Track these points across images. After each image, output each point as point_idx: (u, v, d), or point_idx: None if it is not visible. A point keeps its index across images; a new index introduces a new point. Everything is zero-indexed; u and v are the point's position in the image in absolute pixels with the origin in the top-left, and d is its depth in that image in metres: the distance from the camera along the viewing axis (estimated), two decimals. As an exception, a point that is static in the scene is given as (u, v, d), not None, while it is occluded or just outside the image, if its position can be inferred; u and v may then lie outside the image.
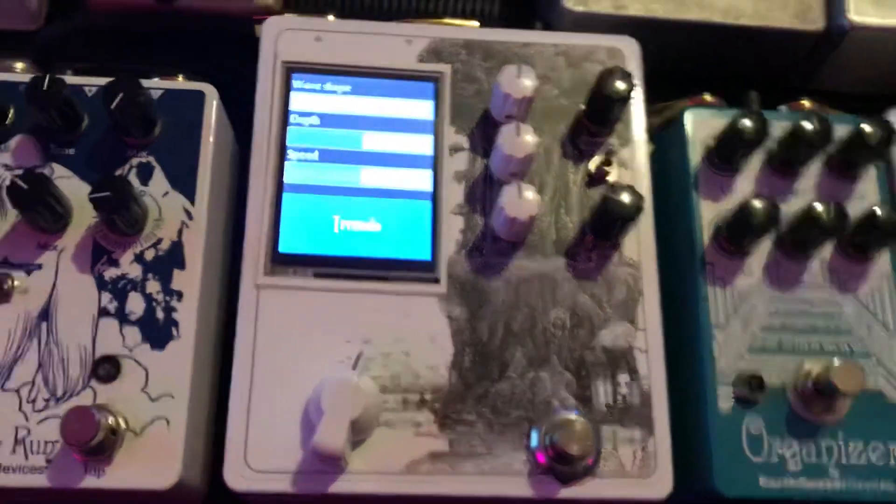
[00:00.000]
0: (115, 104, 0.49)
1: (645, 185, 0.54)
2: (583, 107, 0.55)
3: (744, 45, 0.62)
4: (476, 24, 0.63)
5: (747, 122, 0.53)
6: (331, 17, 0.62)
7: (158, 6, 0.60)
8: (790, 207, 0.54)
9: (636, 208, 0.50)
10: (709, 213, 0.55)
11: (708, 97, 0.62)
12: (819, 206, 0.52)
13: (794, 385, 0.52)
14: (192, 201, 0.51)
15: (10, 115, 0.51)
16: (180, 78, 0.58)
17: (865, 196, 0.56)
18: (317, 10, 0.64)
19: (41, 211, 0.48)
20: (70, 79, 0.52)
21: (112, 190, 0.47)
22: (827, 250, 0.55)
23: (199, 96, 0.53)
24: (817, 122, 0.53)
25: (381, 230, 0.52)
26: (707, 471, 0.50)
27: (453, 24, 0.62)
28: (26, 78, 0.51)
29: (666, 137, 0.59)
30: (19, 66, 0.57)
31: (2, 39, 0.63)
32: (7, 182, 0.49)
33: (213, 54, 0.63)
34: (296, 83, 0.55)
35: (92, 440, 0.44)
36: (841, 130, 0.55)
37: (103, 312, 0.49)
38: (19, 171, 0.50)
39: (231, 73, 0.60)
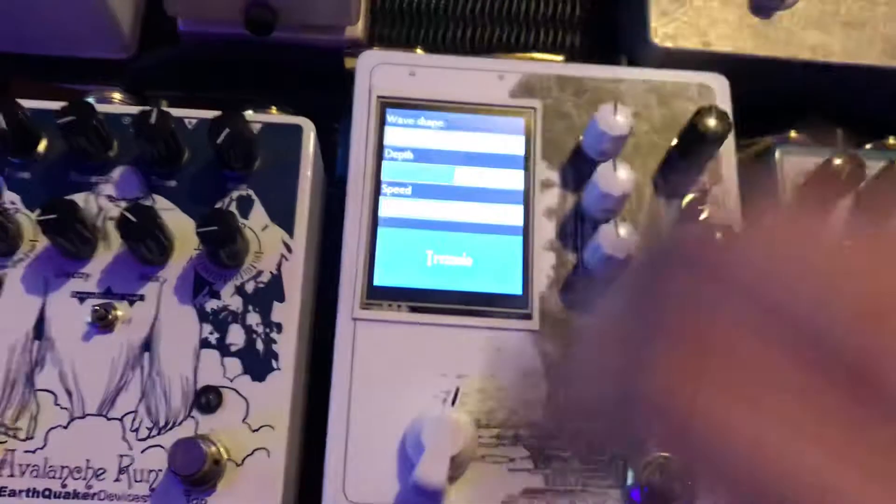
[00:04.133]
0: (221, 138, 0.49)
1: (738, 224, 0.54)
2: (674, 143, 0.56)
3: (831, 82, 0.62)
4: (561, 58, 0.64)
5: (842, 163, 0.53)
6: (419, 51, 0.62)
7: (250, 37, 0.61)
8: (881, 247, 0.54)
9: (734, 249, 0.50)
10: (799, 251, 0.55)
11: (794, 134, 0.62)
12: (914, 248, 0.51)
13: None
14: (291, 234, 0.52)
15: (114, 147, 0.52)
16: (273, 110, 0.59)
17: (958, 237, 0.56)
18: (402, 43, 0.65)
19: (147, 243, 0.49)
20: (171, 111, 0.53)
21: (219, 224, 0.48)
22: (919, 291, 0.55)
23: (297, 130, 0.54)
24: (913, 163, 0.53)
25: (473, 264, 0.53)
26: None
27: (539, 59, 0.63)
28: (127, 109, 0.52)
29: (753, 174, 0.59)
30: (116, 96, 0.58)
31: (94, 68, 0.65)
32: (111, 212, 0.51)
33: (301, 86, 0.64)
34: (390, 118, 0.56)
35: (199, 471, 0.45)
36: (932, 170, 0.55)
37: (204, 343, 0.49)
38: (122, 202, 0.51)
39: (317, 104, 0.61)
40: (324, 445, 0.49)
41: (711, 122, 0.53)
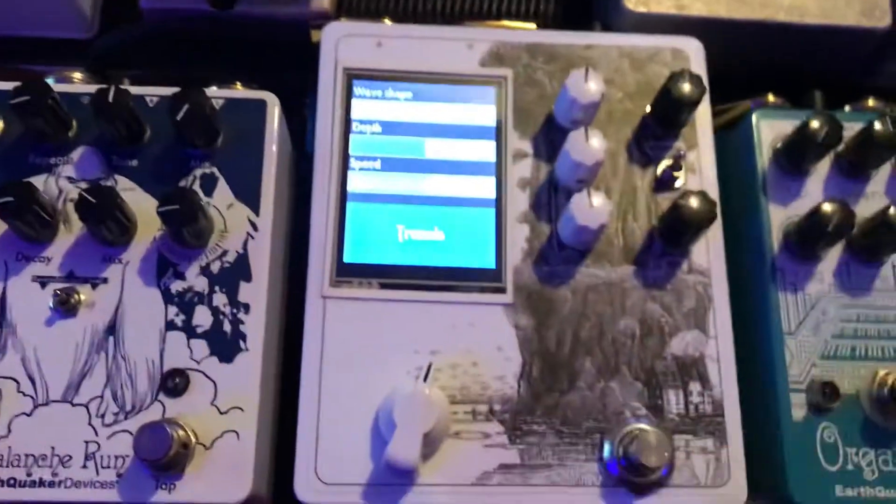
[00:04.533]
0: (181, 115, 0.48)
1: (714, 190, 0.53)
2: (648, 110, 0.54)
3: (807, 43, 0.61)
4: (533, 25, 0.62)
5: (819, 125, 0.52)
6: (387, 21, 0.61)
7: (213, 13, 0.60)
8: (861, 211, 0.53)
9: (709, 215, 0.49)
10: (778, 217, 0.54)
11: (771, 98, 0.61)
12: (893, 210, 0.50)
13: (869, 392, 0.51)
14: (257, 212, 0.51)
15: (73, 128, 0.51)
16: (238, 86, 0.57)
17: (940, 198, 0.55)
18: (370, 14, 0.64)
19: (108, 224, 0.47)
20: (132, 89, 0.51)
21: (180, 203, 0.46)
22: (900, 254, 0.54)
23: (261, 105, 0.53)
24: (891, 124, 0.52)
25: (445, 239, 0.52)
26: (781, 480, 0.49)
27: (511, 27, 0.61)
28: (87, 89, 0.51)
29: (731, 139, 0.58)
30: (77, 76, 0.57)
31: (56, 48, 0.64)
32: (72, 194, 0.49)
33: (268, 60, 0.63)
34: (357, 90, 0.54)
35: (165, 456, 0.44)
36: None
37: (170, 326, 0.48)
38: (83, 184, 0.50)
39: (283, 77, 0.60)
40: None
41: (685, 86, 0.52)
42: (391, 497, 0.47)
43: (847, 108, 0.61)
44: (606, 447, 0.48)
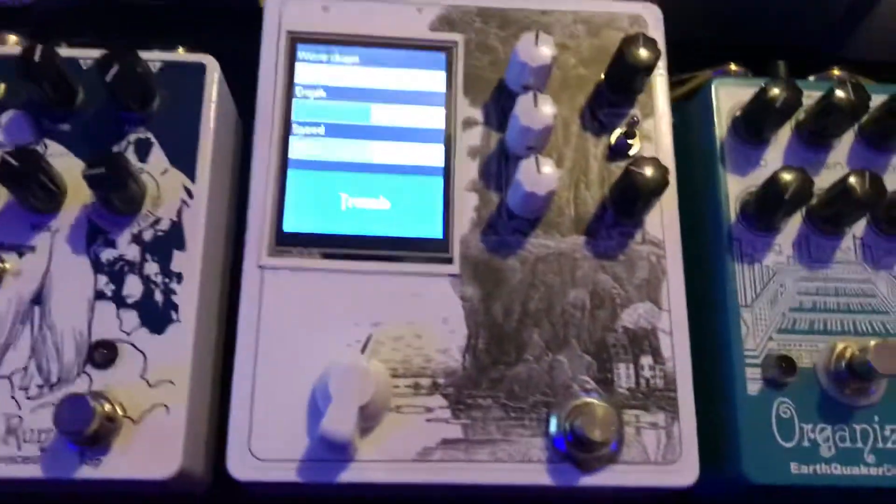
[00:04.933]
0: (110, 76, 0.46)
1: (669, 159, 0.52)
2: (603, 76, 0.53)
3: (772, 12, 0.59)
4: (489, -9, 0.60)
5: (778, 91, 0.50)
6: (337, -14, 0.59)
7: (158, -23, 0.58)
8: (822, 181, 0.52)
9: (661, 182, 0.47)
10: (735, 187, 0.52)
11: (734, 67, 0.59)
12: (854, 178, 0.49)
13: (827, 366, 0.49)
14: (193, 179, 0.49)
15: (1, 90, 0.49)
16: (180, 50, 0.55)
17: (901, 168, 0.53)
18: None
19: (33, 189, 0.45)
20: (64, 51, 0.50)
21: (107, 166, 0.45)
22: (860, 226, 0.52)
23: (200, 69, 0.51)
24: (852, 91, 0.50)
25: (391, 208, 0.50)
26: (735, 457, 0.48)
27: (465, -8, 0.59)
28: (15, 51, 0.49)
29: (690, 109, 0.56)
30: (11, 39, 0.55)
31: (-3, 14, 0.61)
32: (0, 160, 0.47)
33: (215, 26, 0.61)
34: (301, 54, 0.52)
35: (87, 429, 0.42)
36: (875, 100, 0.52)
37: (99, 295, 0.46)
38: (9, 148, 0.48)
39: (233, 45, 0.57)
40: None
41: (639, 50, 0.50)
42: (328, 473, 0.45)
43: (812, 77, 0.60)
44: (553, 422, 0.46)
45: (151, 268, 0.47)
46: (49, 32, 0.60)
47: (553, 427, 0.46)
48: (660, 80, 0.54)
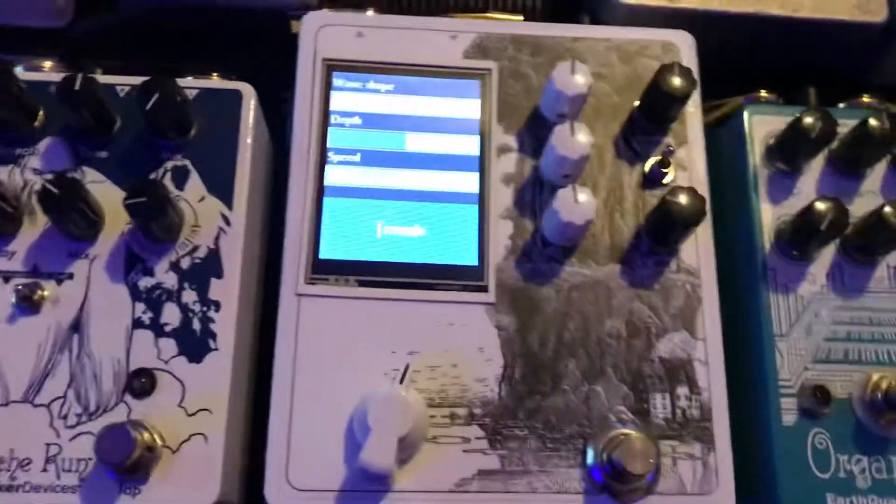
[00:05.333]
0: (150, 104, 0.46)
1: (704, 188, 0.52)
2: (637, 104, 0.53)
3: (801, 38, 0.59)
4: (520, 17, 0.61)
5: (813, 120, 0.50)
6: (370, 13, 0.59)
7: (191, 1, 0.58)
8: (855, 210, 0.52)
9: (698, 212, 0.47)
10: (769, 215, 0.52)
11: (764, 94, 0.59)
12: (889, 209, 0.49)
13: (862, 397, 0.49)
14: (230, 206, 0.49)
15: (39, 117, 0.49)
16: (214, 76, 0.55)
17: (936, 197, 0.53)
18: (355, 5, 0.62)
19: (73, 217, 0.46)
20: (102, 78, 0.50)
21: (148, 195, 0.45)
22: (895, 255, 0.52)
23: (237, 96, 0.51)
24: (887, 120, 0.50)
25: (426, 235, 0.50)
26: (771, 487, 0.48)
27: (498, 19, 0.59)
28: (56, 77, 0.49)
29: (722, 136, 0.56)
30: (47, 64, 0.55)
31: (29, 37, 0.62)
32: (37, 186, 0.47)
33: (247, 52, 0.61)
34: (337, 82, 0.53)
35: (128, 459, 0.42)
36: (909, 128, 0.52)
37: (137, 324, 0.46)
38: (49, 176, 0.48)
39: (266, 71, 0.58)
40: (272, 430, 0.46)
41: (674, 79, 0.50)
42: None
43: (842, 105, 0.60)
44: (590, 453, 0.46)
45: (189, 296, 0.47)
46: (81, 55, 0.61)
47: (590, 458, 0.46)
48: (693, 107, 0.54)
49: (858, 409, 0.49)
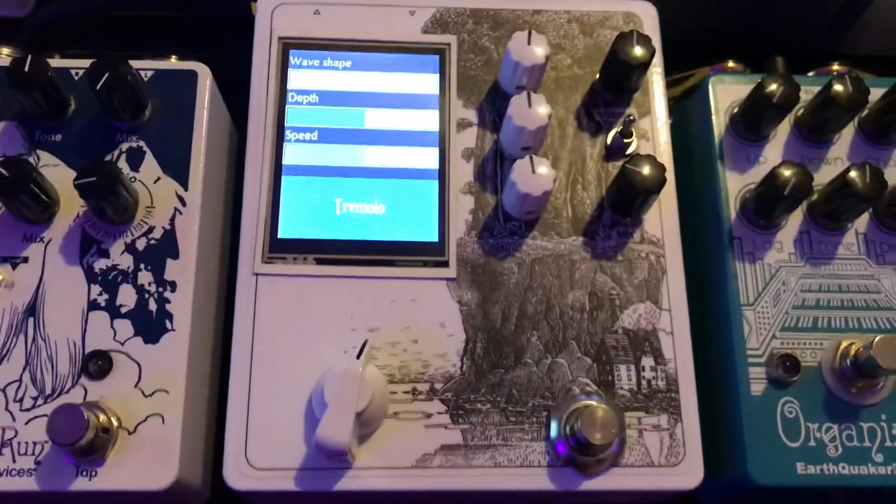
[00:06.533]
0: (101, 84, 0.46)
1: (667, 157, 0.51)
2: (598, 76, 0.52)
3: (767, 8, 0.59)
4: (483, -6, 0.60)
5: (776, 86, 0.49)
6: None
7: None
8: (822, 177, 0.51)
9: (659, 180, 0.47)
10: (735, 184, 0.51)
11: (732, 64, 0.59)
12: (854, 172, 0.48)
13: (832, 364, 0.48)
14: (186, 187, 0.48)
15: (-8, 102, 0.49)
16: (173, 59, 0.55)
17: (903, 162, 0.53)
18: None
19: (26, 200, 0.45)
20: (55, 62, 0.49)
21: (99, 175, 0.44)
22: (862, 221, 0.51)
23: (192, 76, 0.50)
24: (851, 84, 0.50)
25: (386, 212, 0.49)
26: (740, 458, 0.47)
27: (459, -5, 0.59)
28: (6, 62, 0.49)
29: (688, 107, 0.55)
30: (5, 51, 0.55)
31: (-10, 27, 0.61)
32: (-8, 172, 0.47)
33: (208, 35, 0.61)
34: (293, 60, 0.52)
35: (81, 439, 0.41)
36: (875, 94, 0.52)
37: (93, 305, 0.46)
38: (1, 159, 0.47)
39: (227, 53, 0.57)
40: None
41: (633, 48, 0.50)
42: (325, 482, 0.44)
43: (811, 73, 0.59)
44: (553, 425, 0.46)
45: (145, 277, 0.46)
46: (43, 44, 0.60)
47: (553, 431, 0.46)
48: (656, 77, 0.53)
49: (828, 377, 0.48)
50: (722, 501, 0.52)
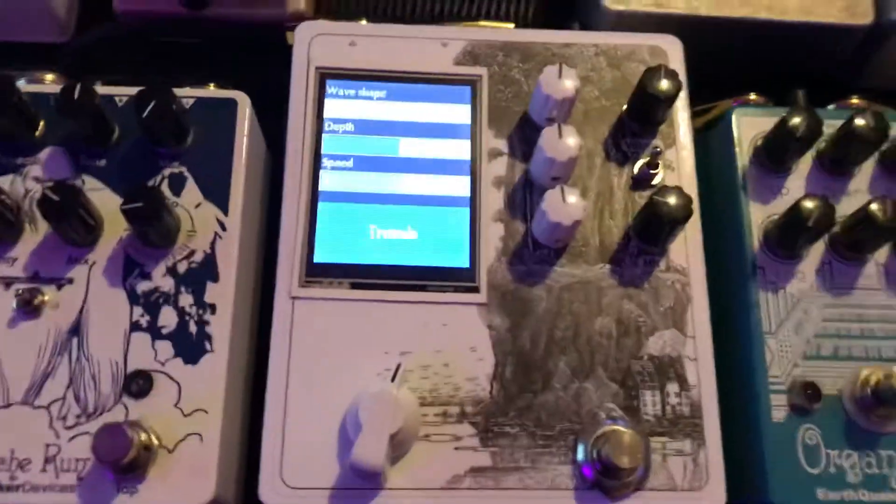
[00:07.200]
0: (146, 112, 0.47)
1: (692, 188, 0.52)
2: (625, 108, 0.54)
3: (789, 42, 0.60)
4: (511, 25, 0.62)
5: (799, 120, 0.51)
6: (363, 22, 0.60)
7: (188, 14, 0.59)
8: (843, 208, 0.52)
9: (685, 211, 0.48)
10: (758, 215, 0.53)
11: (754, 97, 0.60)
12: (875, 206, 0.49)
13: (852, 393, 0.49)
14: (226, 212, 0.50)
15: (40, 127, 0.51)
16: (212, 87, 0.56)
17: (923, 196, 0.54)
18: (349, 15, 0.63)
19: (73, 223, 0.47)
20: (101, 89, 0.51)
21: (144, 200, 0.46)
22: (883, 252, 0.53)
23: (232, 105, 0.52)
24: (872, 119, 0.51)
25: (418, 238, 0.51)
26: (762, 484, 0.48)
27: (489, 27, 0.60)
28: (56, 89, 0.50)
29: (711, 138, 0.57)
30: (48, 77, 0.57)
31: (32, 52, 0.63)
32: (38, 194, 0.48)
33: (245, 63, 0.62)
34: (330, 89, 0.54)
35: (124, 458, 0.43)
36: (895, 128, 0.53)
37: (135, 327, 0.47)
38: (50, 184, 0.49)
39: (263, 81, 0.59)
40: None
41: (660, 82, 0.51)
42: (357, 502, 0.46)
43: (831, 106, 0.60)
44: (580, 449, 0.47)
45: (186, 299, 0.48)
46: (82, 69, 0.62)
47: (580, 454, 0.47)
48: (681, 110, 0.54)
49: (848, 405, 0.49)
50: (744, 526, 0.53)
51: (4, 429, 0.45)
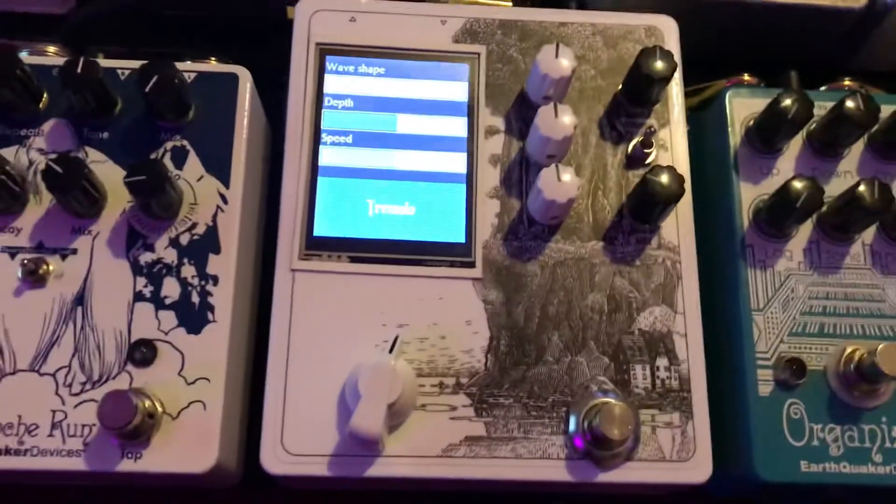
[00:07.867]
0: (149, 86, 0.48)
1: (685, 167, 0.53)
2: (620, 87, 0.55)
3: (783, 23, 0.61)
4: (509, 4, 0.62)
5: (790, 102, 0.52)
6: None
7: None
8: (832, 189, 0.53)
9: (677, 190, 0.49)
10: (748, 194, 0.54)
11: (747, 78, 0.61)
12: (863, 187, 0.51)
13: (836, 369, 0.51)
14: (227, 185, 0.51)
15: (43, 99, 0.51)
16: (212, 61, 0.57)
17: (910, 177, 0.55)
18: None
19: (76, 195, 0.48)
20: (103, 62, 0.52)
21: (148, 174, 0.47)
22: (869, 233, 0.54)
23: (233, 79, 0.53)
24: (862, 102, 0.52)
25: (416, 213, 0.52)
26: (747, 455, 0.50)
27: (488, 4, 0.61)
28: (60, 61, 0.51)
29: (704, 118, 0.58)
30: (51, 49, 0.57)
31: (32, 23, 0.63)
32: (42, 166, 0.49)
33: (245, 37, 0.63)
34: (330, 65, 0.54)
35: (129, 424, 0.44)
36: (885, 110, 0.54)
37: (139, 297, 0.48)
38: (53, 156, 0.50)
39: (262, 56, 0.59)
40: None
41: (655, 62, 0.52)
42: (356, 468, 0.47)
43: (823, 88, 0.61)
44: (572, 420, 0.48)
45: (188, 270, 0.49)
46: (83, 41, 0.62)
47: (572, 426, 0.48)
48: (675, 90, 0.55)
49: (832, 381, 0.51)
50: (729, 495, 0.55)
51: (12, 395, 0.46)
